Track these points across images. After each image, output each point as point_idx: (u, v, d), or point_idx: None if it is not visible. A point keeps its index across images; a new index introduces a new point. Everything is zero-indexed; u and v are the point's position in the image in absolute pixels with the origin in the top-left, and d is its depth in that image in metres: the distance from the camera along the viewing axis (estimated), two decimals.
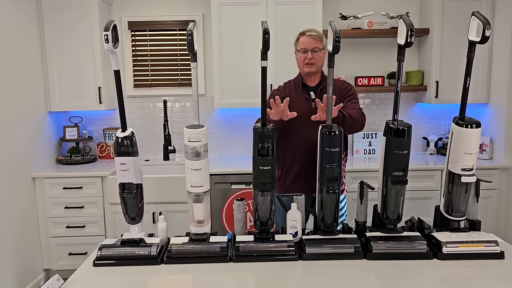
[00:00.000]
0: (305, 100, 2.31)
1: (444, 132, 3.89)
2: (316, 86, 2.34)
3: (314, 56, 2.25)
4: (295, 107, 2.26)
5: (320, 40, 2.27)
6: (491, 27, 1.65)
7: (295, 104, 2.27)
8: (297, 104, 2.28)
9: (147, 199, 1.90)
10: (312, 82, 2.35)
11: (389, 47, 3.79)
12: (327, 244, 1.73)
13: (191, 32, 1.70)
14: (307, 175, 2.27)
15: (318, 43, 2.26)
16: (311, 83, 2.35)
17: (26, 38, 3.25)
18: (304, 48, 2.26)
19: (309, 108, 2.26)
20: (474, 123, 1.71)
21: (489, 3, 3.43)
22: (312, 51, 2.25)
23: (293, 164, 2.33)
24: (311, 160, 2.25)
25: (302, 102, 2.30)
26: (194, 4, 3.75)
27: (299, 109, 2.24)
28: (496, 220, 3.36)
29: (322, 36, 2.29)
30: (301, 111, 2.21)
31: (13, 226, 3.00)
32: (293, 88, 2.37)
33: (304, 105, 2.28)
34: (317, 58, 2.27)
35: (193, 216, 1.76)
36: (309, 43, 2.25)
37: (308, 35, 2.26)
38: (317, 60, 2.27)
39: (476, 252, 1.70)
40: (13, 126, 3.04)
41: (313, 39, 2.25)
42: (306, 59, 2.26)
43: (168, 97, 3.85)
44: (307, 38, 2.26)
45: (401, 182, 1.74)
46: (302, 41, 2.28)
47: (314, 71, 2.29)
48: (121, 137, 1.75)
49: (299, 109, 2.23)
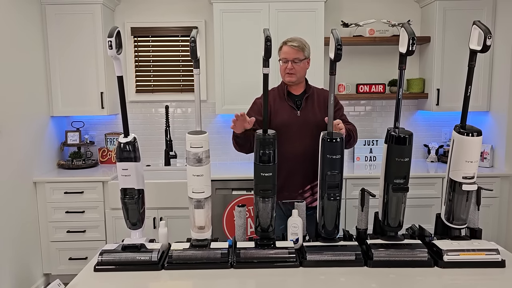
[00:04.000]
0: (290, 108, 2.30)
1: (445, 139, 3.89)
2: (301, 95, 2.33)
3: (295, 66, 2.24)
4: (280, 115, 2.26)
5: (301, 51, 2.25)
6: (492, 36, 1.66)
7: (280, 112, 2.27)
8: (282, 112, 2.28)
9: (148, 205, 1.90)
10: (296, 91, 2.34)
11: (390, 55, 3.80)
12: (328, 251, 1.73)
13: (194, 39, 1.71)
14: (292, 183, 2.26)
15: (299, 54, 2.24)
16: (296, 91, 2.34)
17: (29, 42, 3.27)
18: (285, 58, 2.25)
19: (294, 116, 2.26)
20: (475, 131, 1.71)
21: (490, 11, 3.45)
22: (293, 62, 2.23)
23: (278, 172, 2.30)
24: (296, 168, 2.26)
25: (287, 110, 2.29)
26: (197, 11, 3.78)
27: (284, 117, 2.24)
28: (497, 228, 3.35)
29: (304, 46, 2.27)
30: (286, 119, 2.21)
31: (14, 230, 3.00)
32: (277, 96, 2.35)
33: (289, 113, 2.28)
34: (298, 68, 2.25)
35: (194, 222, 1.76)
36: (290, 53, 2.24)
37: (290, 45, 2.24)
38: (298, 71, 2.25)
39: (477, 260, 1.69)
40: (15, 130, 3.05)
41: (294, 49, 2.23)
42: (287, 69, 2.25)
43: (170, 102, 3.86)
44: (288, 48, 2.24)
45: (402, 190, 1.74)
46: (284, 51, 2.26)
47: (294, 81, 2.28)
48: (123, 143, 1.75)
49: (284, 117, 2.24)
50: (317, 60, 3.48)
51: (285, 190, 2.29)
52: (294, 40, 2.26)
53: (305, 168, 2.26)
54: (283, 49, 2.28)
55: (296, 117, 2.27)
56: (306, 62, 2.31)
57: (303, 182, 2.29)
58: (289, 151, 2.22)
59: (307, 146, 2.22)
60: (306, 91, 2.34)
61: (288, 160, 2.23)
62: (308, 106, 2.31)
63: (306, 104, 2.31)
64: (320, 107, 2.32)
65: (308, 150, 2.22)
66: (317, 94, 2.36)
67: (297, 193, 2.29)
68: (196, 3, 3.76)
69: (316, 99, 2.33)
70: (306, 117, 2.28)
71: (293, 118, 2.26)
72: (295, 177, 2.28)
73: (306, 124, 2.26)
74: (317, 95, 2.35)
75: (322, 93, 2.37)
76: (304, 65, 2.29)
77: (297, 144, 2.23)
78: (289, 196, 2.24)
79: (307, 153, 2.23)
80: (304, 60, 2.28)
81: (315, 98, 2.33)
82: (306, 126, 2.26)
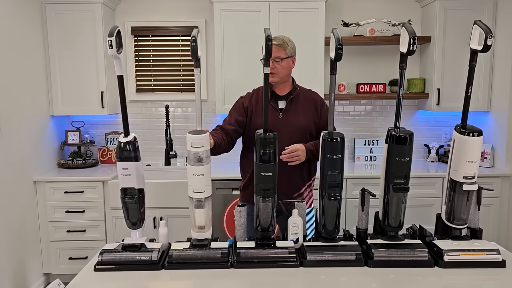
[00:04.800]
0: (272, 109, 2.21)
1: (445, 139, 3.89)
2: (286, 96, 2.25)
3: (276, 65, 2.15)
4: (261, 116, 2.15)
5: (282, 49, 2.16)
6: (493, 36, 1.66)
7: (261, 113, 2.17)
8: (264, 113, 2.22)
9: (148, 204, 1.90)
10: (281, 91, 2.25)
11: (390, 55, 3.80)
12: (328, 251, 1.73)
13: (195, 38, 1.71)
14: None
15: (281, 52, 2.15)
16: (280, 92, 2.26)
17: (29, 42, 3.27)
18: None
19: (276, 118, 2.19)
20: (476, 131, 1.71)
21: (490, 11, 3.44)
22: (274, 61, 2.14)
23: None
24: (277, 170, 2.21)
25: (269, 112, 2.19)
26: (197, 10, 3.77)
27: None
28: (497, 228, 3.35)
29: (286, 44, 2.18)
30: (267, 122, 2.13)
31: (14, 230, 3.00)
32: (260, 96, 2.26)
33: (270, 114, 2.16)
34: (279, 67, 2.16)
35: (194, 222, 1.76)
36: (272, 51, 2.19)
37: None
38: (279, 70, 2.17)
39: (477, 260, 1.69)
40: (15, 129, 3.05)
41: (274, 47, 2.10)
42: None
43: (170, 102, 3.86)
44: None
45: (403, 190, 1.74)
46: None
47: (276, 81, 2.20)
48: (124, 142, 1.75)
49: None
50: (317, 59, 3.48)
51: None
52: (276, 38, 2.16)
53: (286, 170, 2.20)
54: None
55: (278, 119, 2.19)
56: (290, 61, 2.22)
57: (283, 185, 2.21)
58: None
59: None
60: (291, 92, 2.26)
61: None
62: (291, 109, 2.23)
63: (289, 106, 2.22)
64: (304, 111, 2.22)
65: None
66: (303, 96, 2.27)
67: (277, 195, 2.24)
68: (197, 3, 3.76)
69: (301, 101, 2.25)
70: (288, 119, 2.20)
71: (275, 120, 2.16)
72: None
73: (288, 127, 2.18)
74: (303, 97, 2.26)
75: (309, 96, 2.26)
76: (287, 64, 2.20)
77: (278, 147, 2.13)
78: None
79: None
80: (287, 59, 2.19)
81: (300, 100, 2.25)
82: (288, 129, 2.17)
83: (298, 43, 3.43)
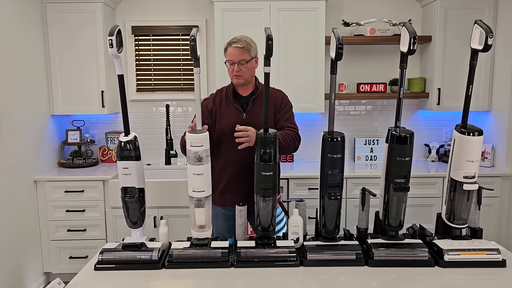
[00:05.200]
0: (235, 110, 2.22)
1: (445, 139, 3.89)
2: (249, 96, 2.26)
3: (241, 68, 2.16)
4: (226, 118, 2.18)
5: (247, 51, 2.16)
6: (493, 36, 1.66)
7: (225, 115, 2.19)
8: (228, 114, 2.21)
9: (148, 203, 1.90)
10: (244, 92, 2.26)
11: (391, 54, 3.80)
12: (328, 251, 1.73)
13: (194, 38, 1.71)
14: (236, 187, 2.21)
15: (245, 55, 2.16)
16: (244, 92, 2.26)
17: (30, 41, 3.26)
18: (231, 60, 2.16)
19: (240, 119, 2.18)
20: (476, 131, 1.71)
21: (491, 11, 3.44)
22: (239, 63, 2.15)
23: (222, 176, 2.25)
24: (241, 172, 2.18)
25: (232, 112, 2.22)
26: (198, 9, 3.77)
27: (229, 120, 2.16)
28: (497, 228, 3.35)
29: (250, 46, 2.18)
30: (231, 122, 2.11)
31: (14, 229, 3.00)
32: (224, 98, 2.26)
33: (234, 115, 2.20)
34: (245, 70, 2.17)
35: (194, 221, 1.76)
36: (235, 55, 2.15)
37: (234, 46, 2.14)
38: (245, 72, 2.18)
39: (478, 260, 1.69)
40: (16, 129, 3.06)
41: (239, 51, 2.14)
42: (234, 71, 2.17)
43: (171, 101, 3.86)
44: (233, 49, 2.15)
45: (403, 189, 1.74)
46: (229, 52, 2.17)
47: (242, 82, 2.21)
48: (124, 141, 1.75)
49: (229, 120, 2.16)
50: (318, 59, 3.48)
51: (228, 194, 2.24)
52: (239, 41, 2.16)
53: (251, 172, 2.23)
54: (228, 50, 2.18)
55: (242, 120, 2.18)
56: (254, 61, 2.23)
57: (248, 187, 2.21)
58: (235, 155, 2.13)
59: (253, 150, 2.10)
60: (254, 92, 2.26)
61: (233, 164, 2.17)
62: (254, 109, 2.23)
63: (253, 106, 2.23)
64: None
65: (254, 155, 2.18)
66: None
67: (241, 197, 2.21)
68: (197, 2, 3.76)
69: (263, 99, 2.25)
70: (252, 120, 2.19)
71: (239, 120, 2.15)
72: (241, 181, 2.19)
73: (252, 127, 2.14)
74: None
75: (272, 94, 2.25)
76: (252, 65, 2.21)
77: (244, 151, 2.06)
78: (232, 200, 2.16)
79: (253, 158, 2.20)
80: (251, 60, 2.20)
81: (262, 99, 2.20)
82: None
83: (298, 42, 3.47)
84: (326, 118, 3.83)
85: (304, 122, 3.91)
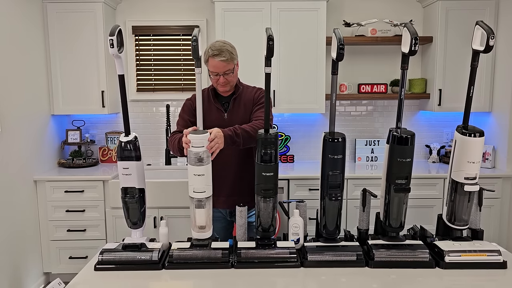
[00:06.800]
0: (217, 110, 2.22)
1: (446, 140, 3.88)
2: (230, 97, 2.25)
3: (227, 78, 2.15)
4: (207, 118, 2.17)
5: (231, 61, 2.13)
6: (495, 36, 1.66)
7: (207, 116, 2.17)
8: (210, 115, 2.20)
9: (149, 204, 1.90)
10: (225, 92, 2.25)
11: (392, 55, 3.80)
12: (329, 252, 1.72)
13: (196, 38, 1.71)
14: (218, 188, 2.15)
15: (230, 65, 2.13)
16: (225, 93, 2.26)
17: (30, 41, 3.26)
18: (216, 72, 2.14)
19: (221, 119, 2.19)
20: (477, 132, 1.71)
21: (492, 12, 3.44)
22: (224, 74, 2.14)
23: None
24: (225, 173, 2.19)
25: (214, 113, 2.22)
26: (198, 9, 3.77)
27: (211, 120, 2.16)
28: (498, 229, 3.35)
29: (232, 55, 2.14)
30: (213, 123, 2.09)
31: (14, 229, 3.00)
32: (205, 98, 2.25)
33: (216, 116, 2.20)
34: (230, 78, 2.17)
35: (195, 222, 1.76)
36: (220, 67, 2.12)
37: (219, 60, 2.09)
38: (231, 80, 2.18)
39: (478, 261, 1.69)
40: (16, 128, 3.05)
41: (223, 63, 2.10)
42: (219, 81, 2.16)
43: (171, 101, 3.86)
44: (218, 63, 2.10)
45: (404, 190, 1.73)
46: (213, 65, 2.12)
47: (228, 89, 2.21)
48: (124, 142, 1.75)
49: (211, 121, 2.15)
50: (319, 59, 3.48)
51: (212, 195, 2.23)
52: (221, 52, 2.10)
53: (233, 173, 2.21)
54: (210, 62, 2.13)
55: (224, 120, 2.18)
56: (236, 66, 2.22)
57: (230, 188, 2.24)
58: (216, 156, 2.04)
59: (235, 150, 2.14)
60: (234, 92, 2.26)
61: (215, 165, 2.12)
62: (235, 108, 2.23)
63: (233, 106, 2.23)
64: (246, 108, 2.23)
65: (238, 154, 2.17)
66: (245, 93, 2.27)
67: (225, 197, 2.24)
68: (198, 2, 3.76)
69: (243, 99, 2.25)
70: (233, 119, 2.19)
71: (221, 121, 2.16)
72: (223, 180, 2.20)
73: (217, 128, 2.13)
74: (244, 95, 2.26)
75: (250, 92, 2.26)
76: (236, 71, 2.21)
77: (225, 148, 2.00)
78: (216, 200, 2.15)
79: (235, 158, 2.19)
80: (235, 67, 2.19)
81: (242, 98, 2.25)
82: None
83: (299, 43, 3.47)
84: (326, 118, 3.82)
85: (304, 123, 3.92)
